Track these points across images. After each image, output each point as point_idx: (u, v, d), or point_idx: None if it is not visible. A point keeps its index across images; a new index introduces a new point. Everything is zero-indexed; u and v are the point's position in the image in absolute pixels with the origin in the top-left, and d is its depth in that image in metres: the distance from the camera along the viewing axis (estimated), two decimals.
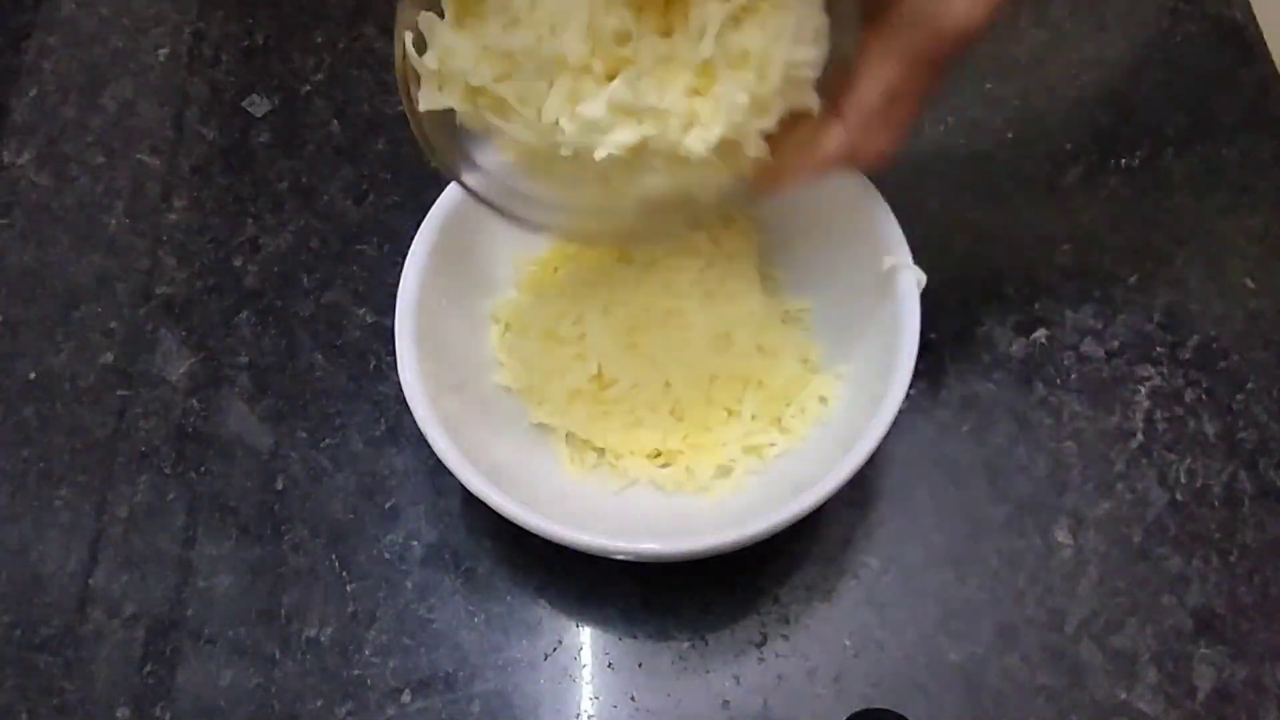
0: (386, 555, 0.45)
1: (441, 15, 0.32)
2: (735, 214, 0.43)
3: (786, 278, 0.47)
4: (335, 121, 0.57)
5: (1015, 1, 0.31)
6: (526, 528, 0.37)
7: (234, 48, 0.60)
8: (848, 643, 0.43)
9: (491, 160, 0.35)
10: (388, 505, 0.46)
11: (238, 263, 0.53)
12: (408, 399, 0.39)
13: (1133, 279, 0.50)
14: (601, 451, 0.44)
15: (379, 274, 0.52)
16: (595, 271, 0.45)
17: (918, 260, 0.40)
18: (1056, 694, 0.42)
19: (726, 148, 0.31)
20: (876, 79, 0.33)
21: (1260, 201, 0.52)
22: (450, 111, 0.33)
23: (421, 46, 0.32)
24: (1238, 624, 0.42)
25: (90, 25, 0.61)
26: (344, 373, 0.50)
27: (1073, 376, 0.48)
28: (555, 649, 0.43)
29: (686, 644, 0.43)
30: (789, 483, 0.42)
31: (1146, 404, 0.47)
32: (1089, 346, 0.48)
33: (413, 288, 0.41)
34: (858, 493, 0.45)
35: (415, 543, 0.45)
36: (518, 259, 0.47)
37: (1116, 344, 0.48)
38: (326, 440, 0.48)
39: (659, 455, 0.44)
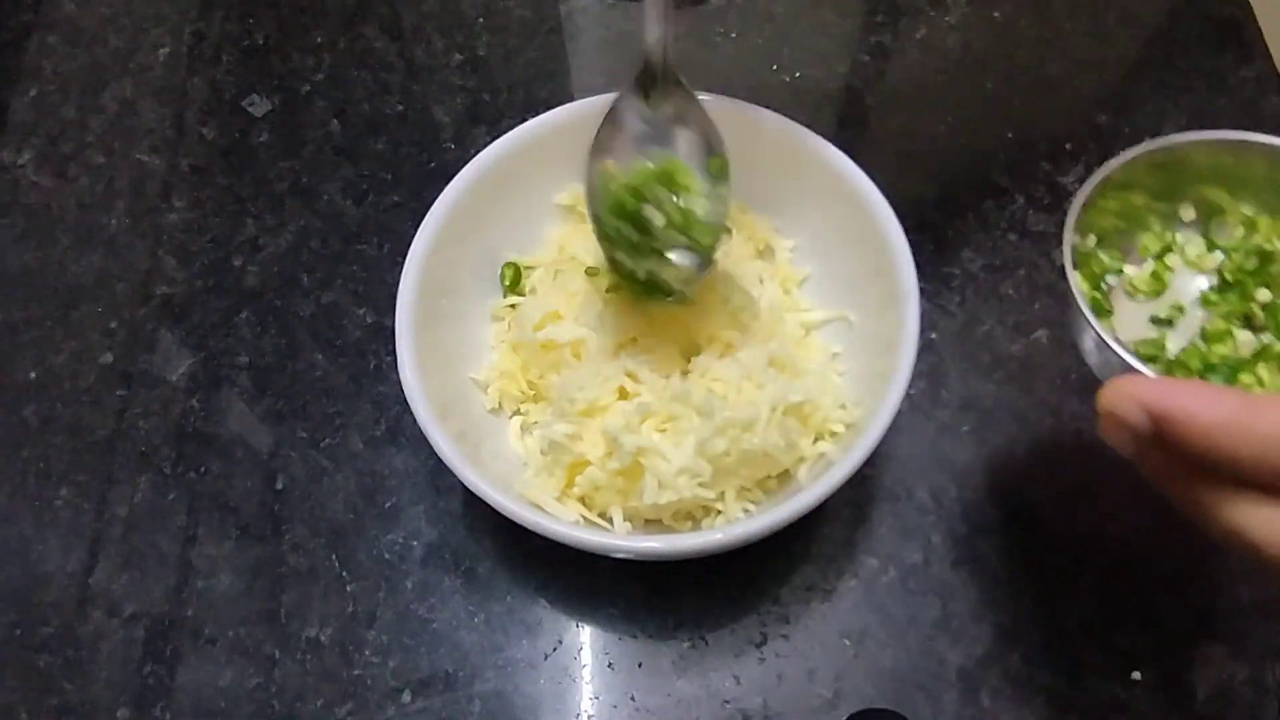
0: (386, 555, 0.45)
1: None
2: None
3: (786, 277, 0.47)
4: (335, 121, 0.57)
5: None
6: (527, 527, 0.37)
7: (234, 48, 0.60)
8: (847, 643, 0.43)
9: None
10: (388, 505, 0.46)
11: (238, 263, 0.53)
12: (408, 399, 0.39)
13: None
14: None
15: (379, 274, 0.52)
16: (593, 273, 0.45)
17: (918, 259, 0.40)
18: (1056, 694, 0.42)
19: None
20: None
21: None
22: None
23: None
24: (1238, 624, 0.42)
25: (90, 25, 0.61)
26: (344, 373, 0.50)
27: (1072, 376, 0.48)
28: (555, 649, 0.43)
29: (686, 644, 0.43)
30: (789, 483, 0.42)
31: None
32: None
33: (413, 288, 0.41)
34: (858, 493, 0.45)
35: (415, 543, 0.45)
36: (518, 260, 0.47)
37: None
38: (326, 440, 0.48)
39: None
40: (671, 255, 0.39)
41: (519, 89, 0.58)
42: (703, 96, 0.45)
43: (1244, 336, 0.34)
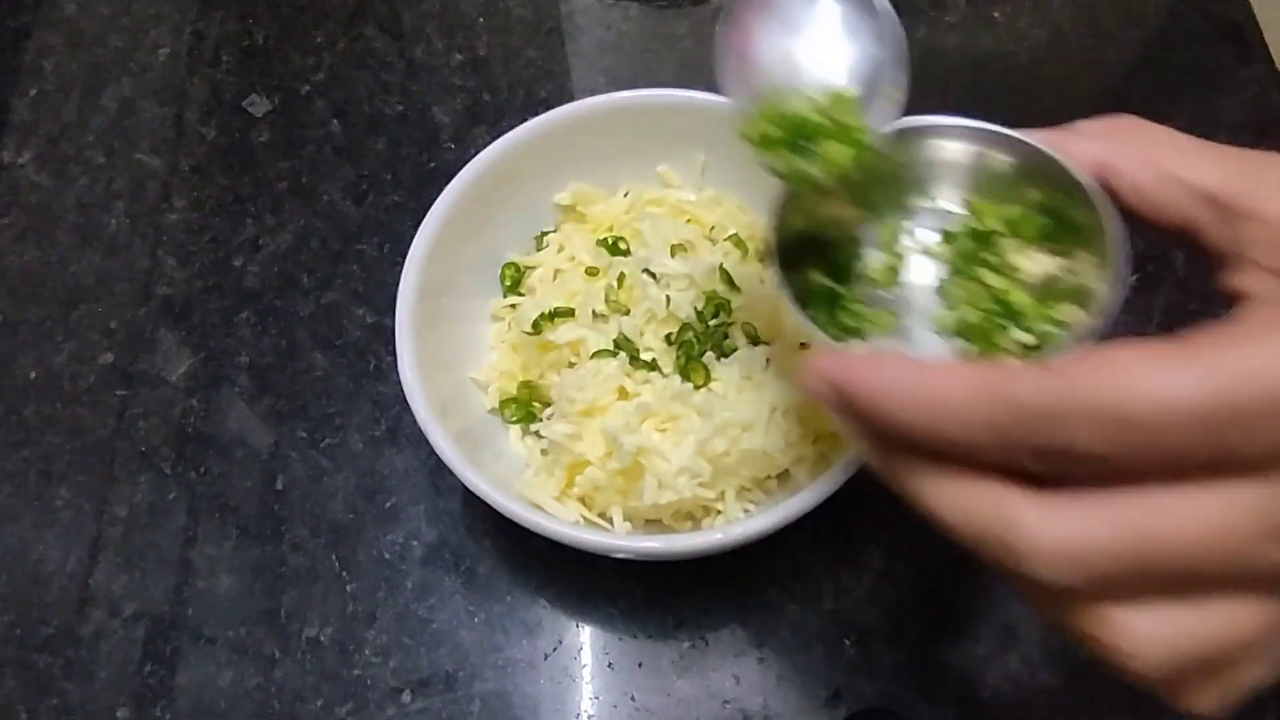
0: (386, 555, 0.45)
1: None
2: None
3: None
4: (335, 121, 0.57)
5: None
6: (527, 527, 0.37)
7: (234, 48, 0.60)
8: (847, 643, 0.43)
9: None
10: (388, 505, 0.46)
11: (238, 263, 0.53)
12: (408, 399, 0.39)
13: (1133, 279, 0.50)
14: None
15: (379, 274, 0.52)
16: (592, 274, 0.45)
17: None
18: (1056, 694, 0.42)
19: None
20: None
21: None
22: None
23: None
24: None
25: (90, 25, 0.61)
26: (344, 373, 0.50)
27: None
28: (555, 649, 0.43)
29: (686, 644, 0.43)
30: (789, 483, 0.42)
31: None
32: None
33: (413, 288, 0.41)
34: (858, 493, 0.45)
35: (415, 543, 0.45)
36: (518, 260, 0.47)
37: None
38: (326, 440, 0.48)
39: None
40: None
41: (519, 89, 0.58)
42: (702, 97, 0.45)
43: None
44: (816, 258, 0.35)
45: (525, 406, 0.44)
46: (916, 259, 0.36)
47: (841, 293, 0.35)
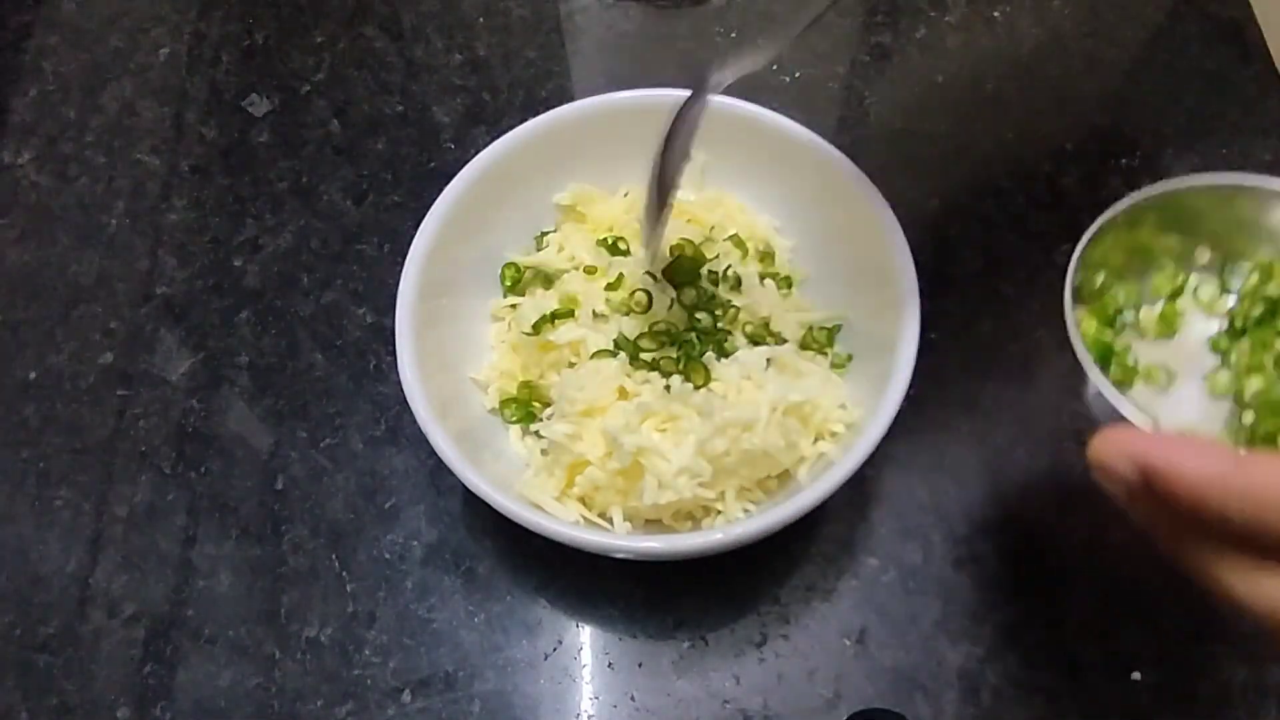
0: (386, 555, 0.45)
1: None
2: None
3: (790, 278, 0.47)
4: (335, 121, 0.57)
5: None
6: (527, 527, 0.37)
7: (234, 48, 0.60)
8: (847, 643, 0.43)
9: None
10: (388, 505, 0.46)
11: (238, 263, 0.53)
12: (408, 399, 0.39)
13: None
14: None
15: (379, 274, 0.52)
16: (592, 273, 0.45)
17: (918, 259, 0.40)
18: (1056, 694, 0.42)
19: None
20: None
21: None
22: None
23: None
24: (1238, 624, 0.42)
25: (90, 25, 0.61)
26: (344, 373, 0.50)
27: (1072, 376, 0.48)
28: (555, 649, 0.43)
29: (686, 644, 0.43)
30: (789, 483, 0.42)
31: None
32: None
33: (413, 288, 0.41)
34: (858, 493, 0.45)
35: (415, 543, 0.45)
36: (518, 260, 0.47)
37: None
38: (326, 440, 0.48)
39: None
40: None
41: (519, 89, 0.58)
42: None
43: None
44: (1086, 304, 0.35)
45: (525, 406, 0.44)
46: (1194, 314, 0.35)
47: (1112, 344, 0.35)
